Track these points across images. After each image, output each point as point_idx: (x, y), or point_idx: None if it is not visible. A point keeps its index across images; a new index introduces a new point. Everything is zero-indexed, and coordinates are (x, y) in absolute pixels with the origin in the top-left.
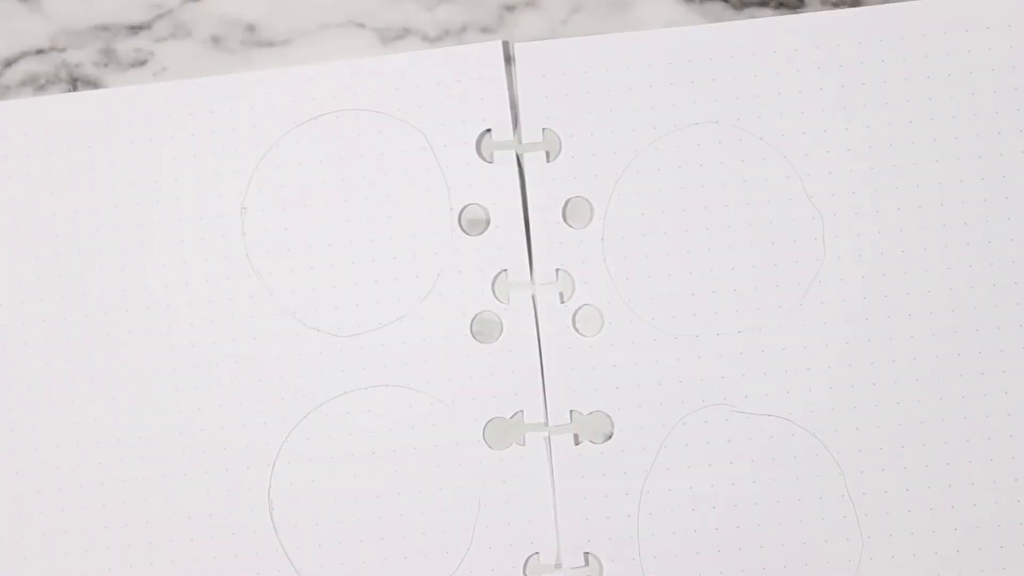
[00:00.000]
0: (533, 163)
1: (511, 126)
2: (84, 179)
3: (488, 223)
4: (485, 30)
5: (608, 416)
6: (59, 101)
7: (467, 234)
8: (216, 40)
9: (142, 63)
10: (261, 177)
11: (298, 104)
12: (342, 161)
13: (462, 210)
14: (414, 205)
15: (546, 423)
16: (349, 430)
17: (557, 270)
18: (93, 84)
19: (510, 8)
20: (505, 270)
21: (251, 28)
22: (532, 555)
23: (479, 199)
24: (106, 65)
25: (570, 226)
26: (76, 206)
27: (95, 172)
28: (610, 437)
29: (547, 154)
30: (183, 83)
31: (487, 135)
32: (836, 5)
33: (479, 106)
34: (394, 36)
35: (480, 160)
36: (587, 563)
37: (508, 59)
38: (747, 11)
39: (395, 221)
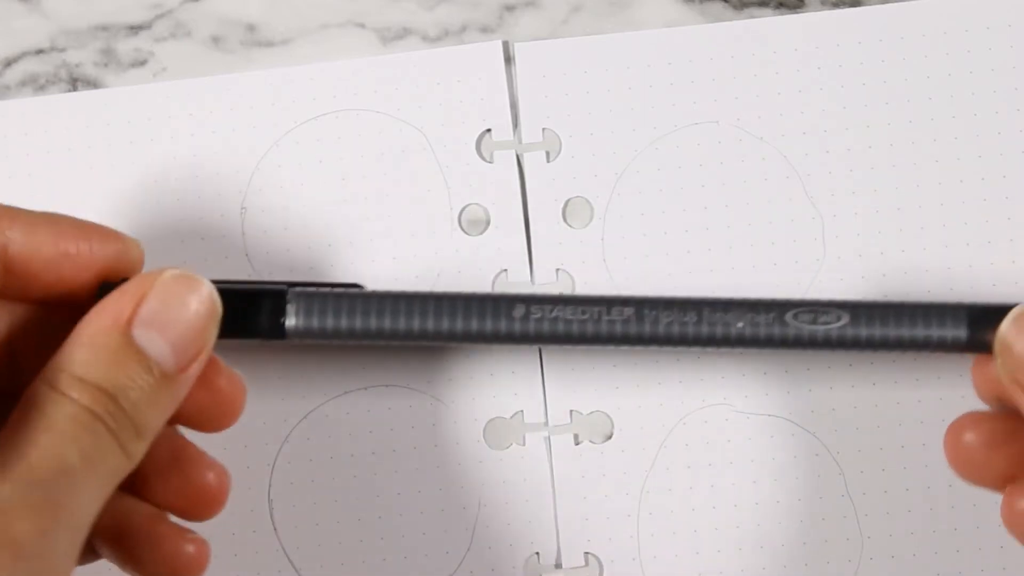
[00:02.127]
0: (533, 163)
1: (511, 126)
2: (84, 179)
3: (488, 223)
4: (485, 30)
5: (608, 416)
6: (59, 101)
7: (467, 234)
8: (216, 40)
9: (142, 63)
10: (261, 177)
11: (298, 104)
12: (342, 161)
13: (462, 210)
14: (414, 205)
15: (546, 423)
16: (349, 430)
17: (557, 270)
18: (93, 84)
19: (510, 8)
20: (505, 270)
21: (251, 28)
22: (532, 555)
23: (479, 199)
24: (106, 65)
25: (570, 226)
26: (76, 206)
27: (95, 172)
28: (610, 437)
29: (547, 154)
30: (183, 83)
31: (487, 135)
32: (836, 5)
33: (479, 106)
34: (394, 36)
35: (480, 160)
36: (587, 563)
37: (508, 59)
38: (747, 11)
39: (395, 221)
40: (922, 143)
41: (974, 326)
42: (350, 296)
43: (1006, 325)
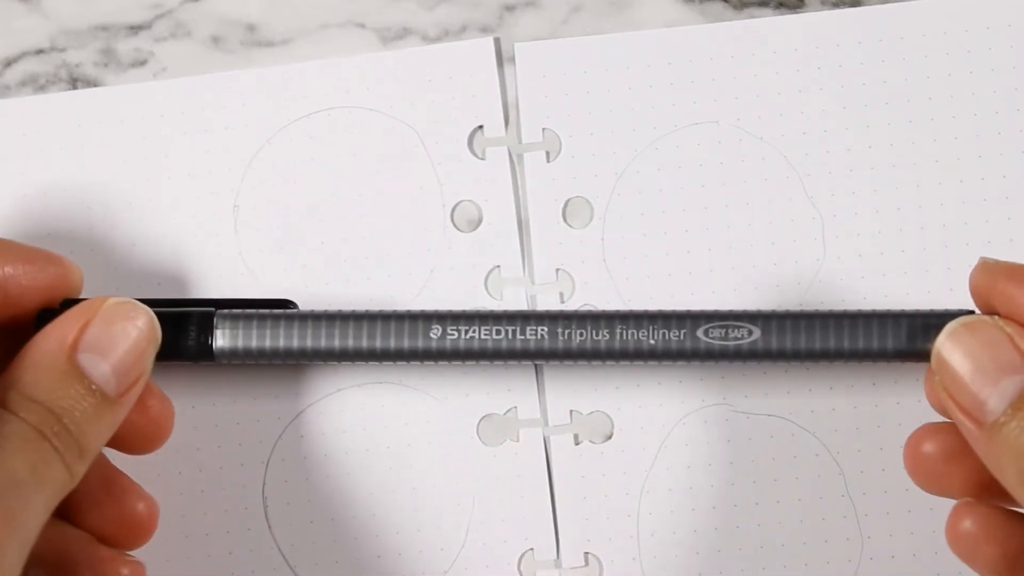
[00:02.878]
0: (533, 163)
1: (503, 123)
2: (79, 178)
3: (480, 220)
4: (485, 30)
5: (608, 416)
6: (54, 100)
7: (460, 231)
8: (216, 40)
9: (142, 63)
10: (254, 175)
11: (291, 102)
12: (335, 159)
13: (455, 207)
14: (407, 202)
15: (541, 419)
16: (343, 427)
17: (557, 270)
18: (93, 84)
19: (510, 8)
20: (498, 266)
21: (251, 28)
22: (527, 551)
23: (471, 196)
24: (106, 65)
25: (570, 226)
26: (71, 205)
27: (89, 171)
28: (610, 437)
29: (547, 154)
30: (176, 81)
31: (479, 132)
32: (836, 5)
33: (471, 103)
34: (394, 36)
35: (472, 157)
36: (587, 563)
37: (508, 59)
38: (747, 11)
39: (388, 218)
40: (922, 143)
41: (908, 336)
42: (275, 316)
43: (941, 339)
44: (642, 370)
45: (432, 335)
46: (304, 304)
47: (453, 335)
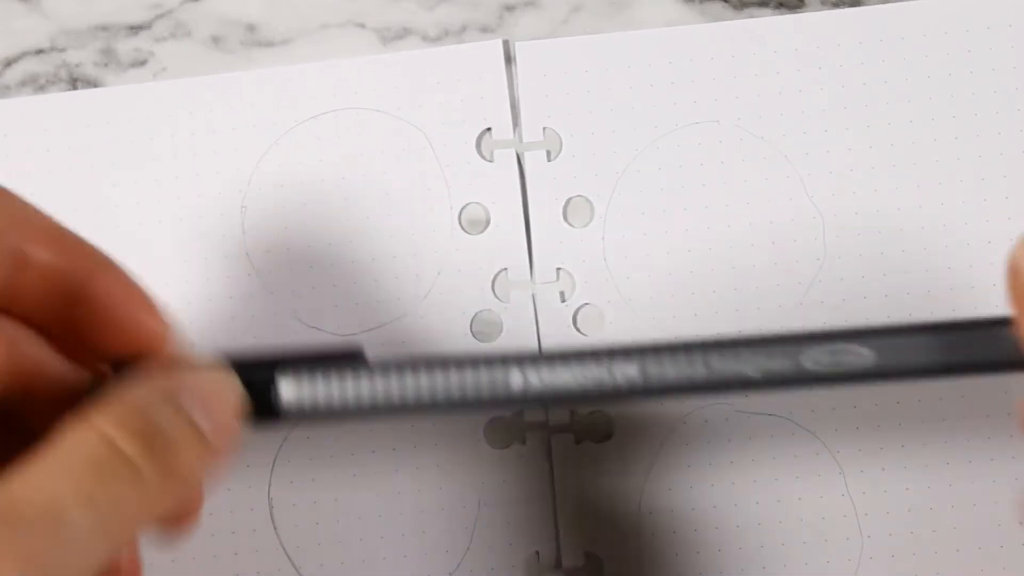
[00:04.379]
0: (534, 162)
1: (511, 125)
2: (85, 178)
3: (488, 222)
4: (485, 30)
5: (608, 415)
6: (59, 100)
7: (467, 233)
8: (216, 40)
9: (142, 63)
10: (261, 176)
11: (298, 103)
12: (342, 160)
13: (462, 209)
14: (414, 204)
15: (547, 422)
16: (349, 428)
17: (558, 269)
18: (93, 84)
19: (510, 8)
20: (505, 269)
21: (251, 28)
22: (532, 554)
23: (479, 198)
24: (106, 65)
25: (571, 225)
26: (77, 205)
27: (96, 171)
28: (610, 436)
29: (548, 153)
30: (184, 81)
31: (487, 134)
32: (836, 5)
33: (479, 105)
34: (394, 36)
35: (480, 159)
36: (587, 562)
37: (509, 59)
38: (747, 11)
39: (395, 220)
40: (922, 143)
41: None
42: (341, 370)
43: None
44: None
45: (513, 385)
46: (312, 306)
47: (535, 383)
